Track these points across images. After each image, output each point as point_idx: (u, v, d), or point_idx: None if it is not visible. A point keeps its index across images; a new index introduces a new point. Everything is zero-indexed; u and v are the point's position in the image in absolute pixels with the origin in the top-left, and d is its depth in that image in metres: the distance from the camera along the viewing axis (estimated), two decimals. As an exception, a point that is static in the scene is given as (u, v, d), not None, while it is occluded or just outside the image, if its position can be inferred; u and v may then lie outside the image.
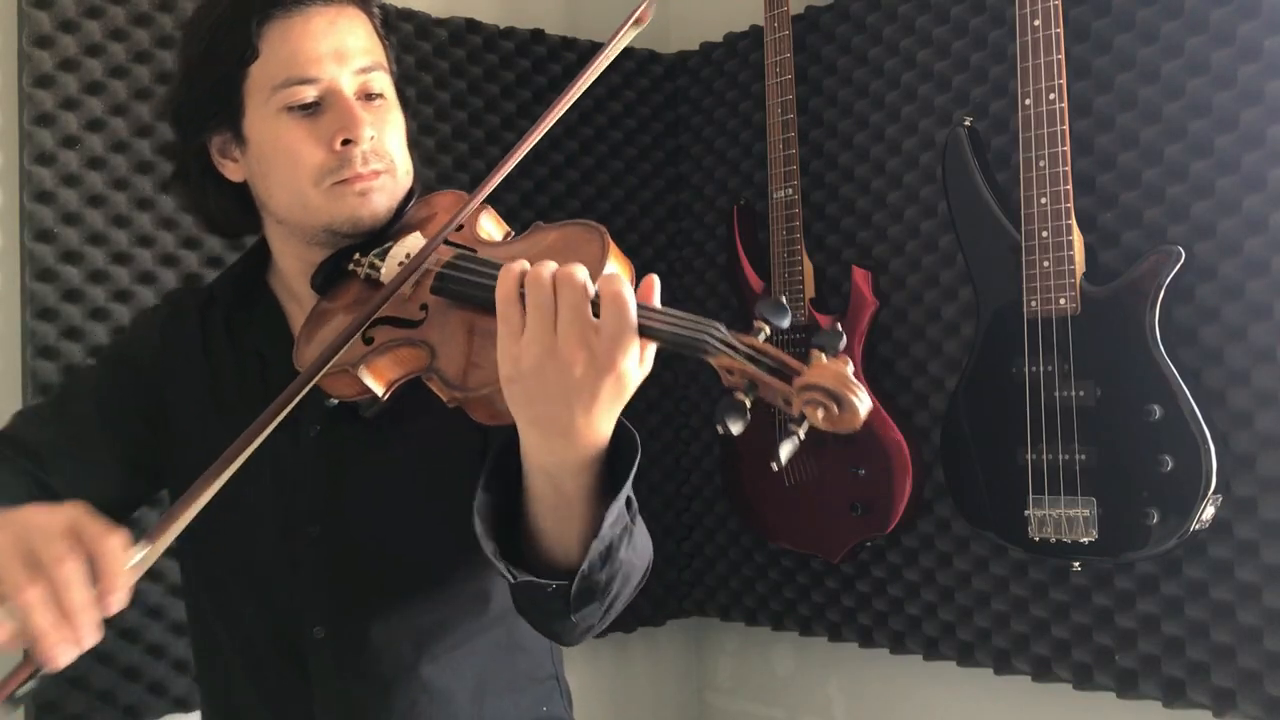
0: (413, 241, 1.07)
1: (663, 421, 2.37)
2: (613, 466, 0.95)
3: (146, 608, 1.76)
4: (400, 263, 1.05)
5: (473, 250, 1.03)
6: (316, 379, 0.97)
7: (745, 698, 2.44)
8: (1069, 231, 1.60)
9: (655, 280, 0.89)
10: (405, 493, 1.15)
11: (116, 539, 0.80)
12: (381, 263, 1.07)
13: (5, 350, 1.72)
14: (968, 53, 1.87)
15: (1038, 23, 1.61)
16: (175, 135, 1.19)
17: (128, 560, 0.81)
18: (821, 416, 0.78)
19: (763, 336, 0.84)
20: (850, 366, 0.79)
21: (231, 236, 1.28)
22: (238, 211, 1.19)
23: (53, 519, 0.80)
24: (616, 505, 0.95)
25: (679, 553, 2.40)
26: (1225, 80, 1.56)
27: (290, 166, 1.08)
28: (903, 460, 1.87)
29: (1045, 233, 1.61)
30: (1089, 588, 1.71)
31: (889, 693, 2.13)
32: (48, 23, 1.72)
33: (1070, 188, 1.59)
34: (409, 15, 2.09)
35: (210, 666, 1.26)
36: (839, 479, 1.94)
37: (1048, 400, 1.62)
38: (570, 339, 0.85)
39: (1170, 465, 1.51)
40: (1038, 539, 1.63)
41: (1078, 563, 1.65)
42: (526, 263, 0.88)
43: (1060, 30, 1.60)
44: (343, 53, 1.09)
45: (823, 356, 0.80)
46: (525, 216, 2.15)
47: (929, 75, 1.93)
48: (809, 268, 2.02)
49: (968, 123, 1.76)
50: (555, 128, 1.11)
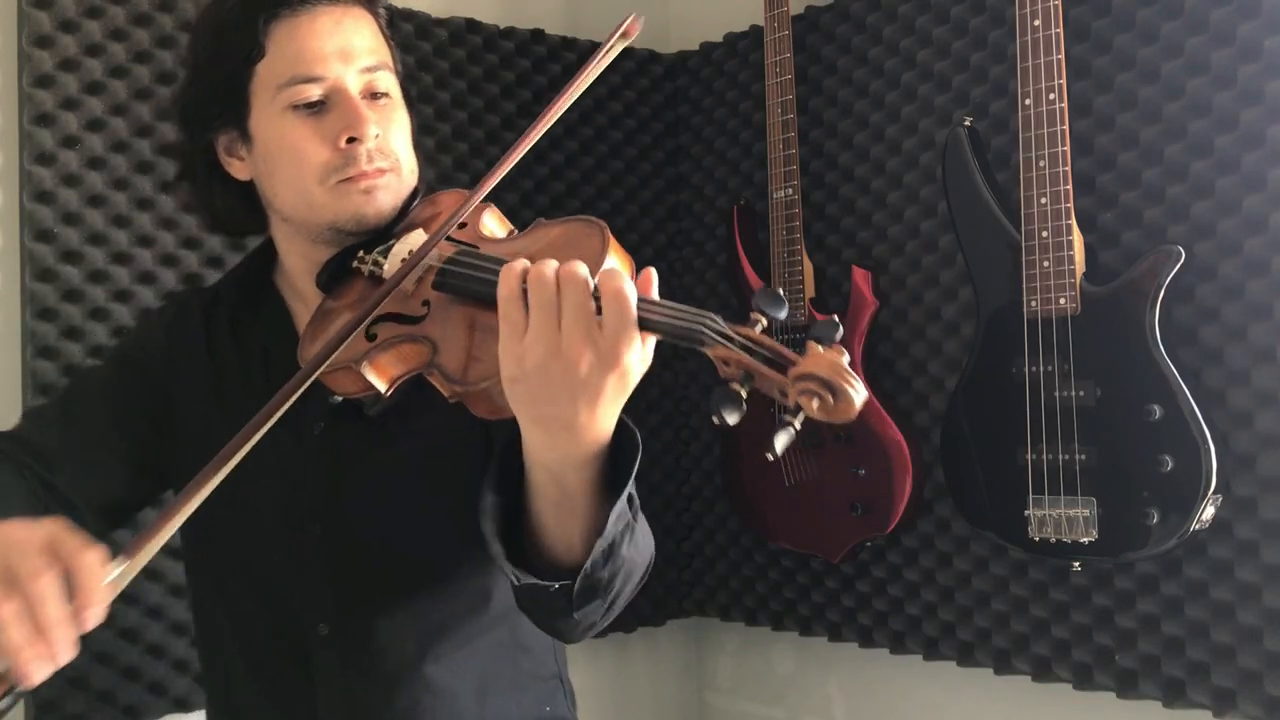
0: (416, 240, 1.07)
1: (663, 421, 2.37)
2: (615, 462, 0.95)
3: (147, 608, 1.76)
4: (403, 260, 1.05)
5: (474, 247, 1.04)
6: (316, 374, 0.97)
7: (745, 698, 2.44)
8: (1069, 231, 1.60)
9: (653, 273, 0.89)
10: (409, 490, 1.15)
11: (94, 554, 0.79)
12: (385, 260, 1.07)
13: (5, 350, 1.72)
14: (968, 53, 1.87)
15: (1038, 23, 1.61)
16: (182, 134, 1.19)
17: (105, 576, 0.80)
18: (817, 406, 0.78)
19: (759, 328, 0.84)
20: (846, 357, 0.79)
21: (237, 235, 1.29)
22: (244, 210, 1.19)
23: (31, 534, 0.79)
24: (620, 503, 0.95)
25: (679, 553, 2.40)
26: (1225, 80, 1.57)
27: (296, 164, 1.08)
28: (903, 460, 1.87)
29: (1045, 233, 1.61)
30: (1089, 588, 1.71)
31: (889, 693, 2.13)
32: (48, 23, 1.72)
33: (1070, 188, 1.59)
34: (409, 15, 2.08)
35: (214, 665, 1.26)
36: (839, 479, 1.94)
37: (1048, 400, 1.63)
38: (575, 337, 0.84)
39: (1170, 465, 1.51)
40: (1038, 539, 1.63)
41: (1078, 563, 1.65)
42: (527, 261, 0.88)
43: (1060, 30, 1.60)
44: (348, 52, 1.09)
45: (818, 347, 0.79)
46: (525, 216, 2.11)
47: (929, 75, 1.93)
48: (809, 268, 2.02)
49: (968, 123, 1.76)
50: (555, 128, 1.11)
